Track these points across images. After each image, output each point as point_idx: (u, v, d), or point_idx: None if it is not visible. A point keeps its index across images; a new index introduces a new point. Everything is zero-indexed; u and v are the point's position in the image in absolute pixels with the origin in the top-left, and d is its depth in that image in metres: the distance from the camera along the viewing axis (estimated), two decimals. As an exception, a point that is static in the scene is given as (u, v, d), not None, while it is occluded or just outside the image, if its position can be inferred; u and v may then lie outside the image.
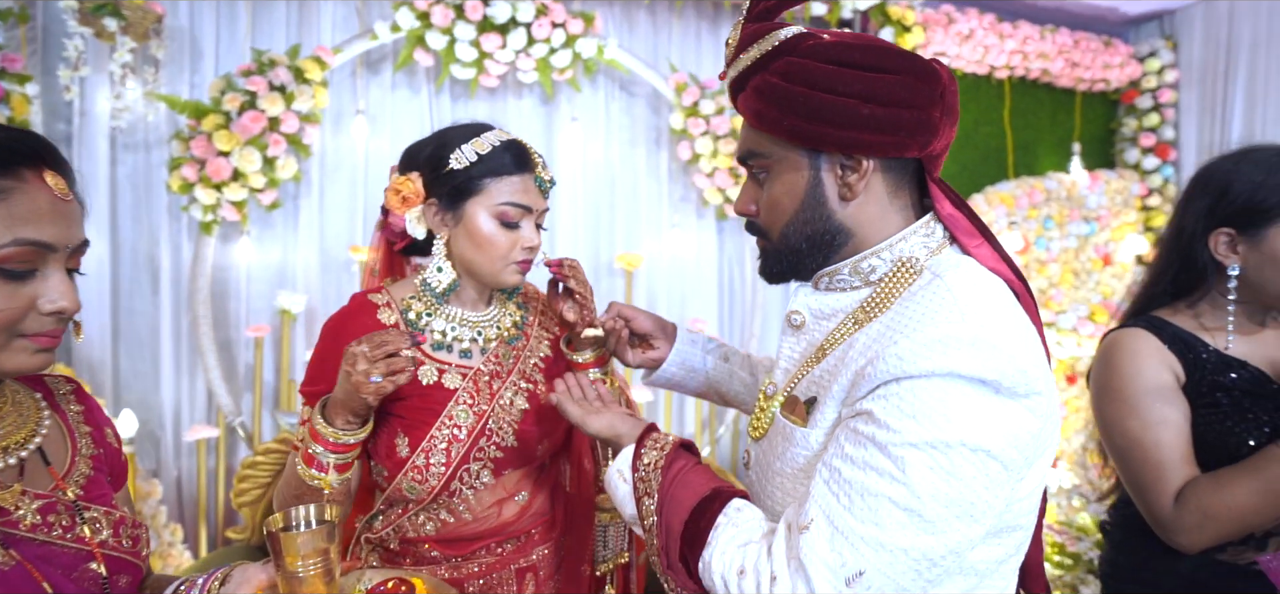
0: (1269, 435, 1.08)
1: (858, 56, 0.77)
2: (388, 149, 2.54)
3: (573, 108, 2.72)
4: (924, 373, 0.69)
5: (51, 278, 0.69)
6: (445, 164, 0.96)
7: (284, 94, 2.15)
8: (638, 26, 2.84)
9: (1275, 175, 1.07)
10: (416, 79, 2.56)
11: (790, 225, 0.85)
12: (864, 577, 0.68)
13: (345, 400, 0.87)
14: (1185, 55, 3.50)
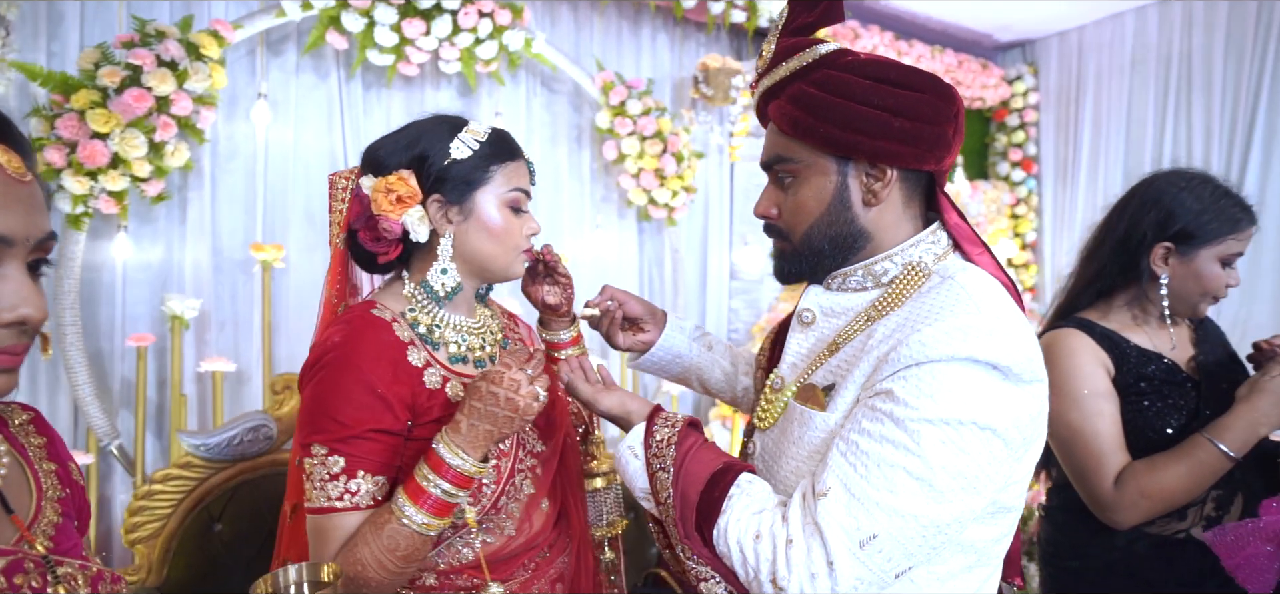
0: (1187, 419, 1.23)
1: (891, 74, 0.84)
2: (290, 138, 2.32)
3: (494, 102, 2.62)
4: (944, 357, 0.75)
5: (8, 279, 0.56)
6: (447, 155, 0.89)
7: (175, 71, 1.89)
8: (560, 22, 2.78)
9: (1211, 209, 1.23)
10: (325, 63, 2.35)
11: (815, 227, 0.90)
12: (877, 540, 0.74)
13: (497, 429, 0.81)
14: (1044, 80, 3.92)
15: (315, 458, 0.83)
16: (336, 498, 0.82)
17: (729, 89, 2.85)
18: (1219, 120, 3.24)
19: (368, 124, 2.43)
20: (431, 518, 0.80)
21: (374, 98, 2.44)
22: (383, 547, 0.80)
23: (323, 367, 0.85)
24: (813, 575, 0.74)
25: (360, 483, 0.83)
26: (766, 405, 0.95)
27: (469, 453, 0.80)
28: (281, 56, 2.31)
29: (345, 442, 0.83)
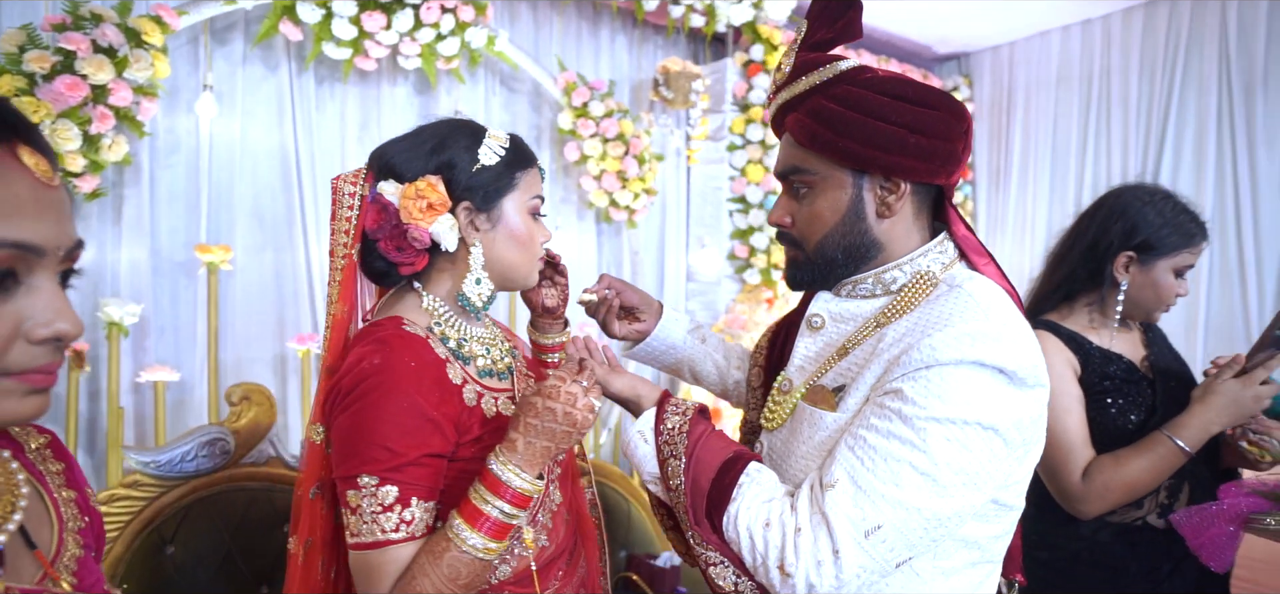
0: (1146, 415, 1.31)
1: (909, 91, 0.86)
2: (237, 133, 2.20)
3: (453, 100, 2.55)
4: (953, 361, 0.78)
5: (41, 292, 0.51)
6: (475, 161, 0.85)
7: (114, 58, 1.76)
8: (520, 20, 2.73)
9: (1171, 223, 1.32)
10: (274, 54, 2.24)
11: (829, 237, 0.92)
12: (881, 531, 0.77)
13: (556, 445, 0.79)
14: (978, 91, 4.12)
15: (363, 490, 0.77)
16: (392, 530, 0.77)
17: (689, 92, 2.87)
18: (1134, 132, 3.49)
19: (321, 120, 2.32)
20: (491, 541, 0.76)
21: (327, 92, 2.33)
22: (444, 576, 0.75)
23: (365, 392, 0.79)
24: (819, 563, 0.77)
25: (414, 511, 0.78)
26: (774, 407, 0.97)
27: (527, 471, 0.77)
28: (227, 46, 2.18)
29: (398, 470, 0.77)
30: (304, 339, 2.14)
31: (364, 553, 0.77)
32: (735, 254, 3.16)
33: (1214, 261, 3.22)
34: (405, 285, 0.90)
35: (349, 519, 0.78)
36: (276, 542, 1.68)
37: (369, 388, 0.78)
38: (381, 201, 0.84)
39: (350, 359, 0.81)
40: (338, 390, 0.80)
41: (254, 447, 1.70)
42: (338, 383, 0.80)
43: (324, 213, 2.33)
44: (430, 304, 0.88)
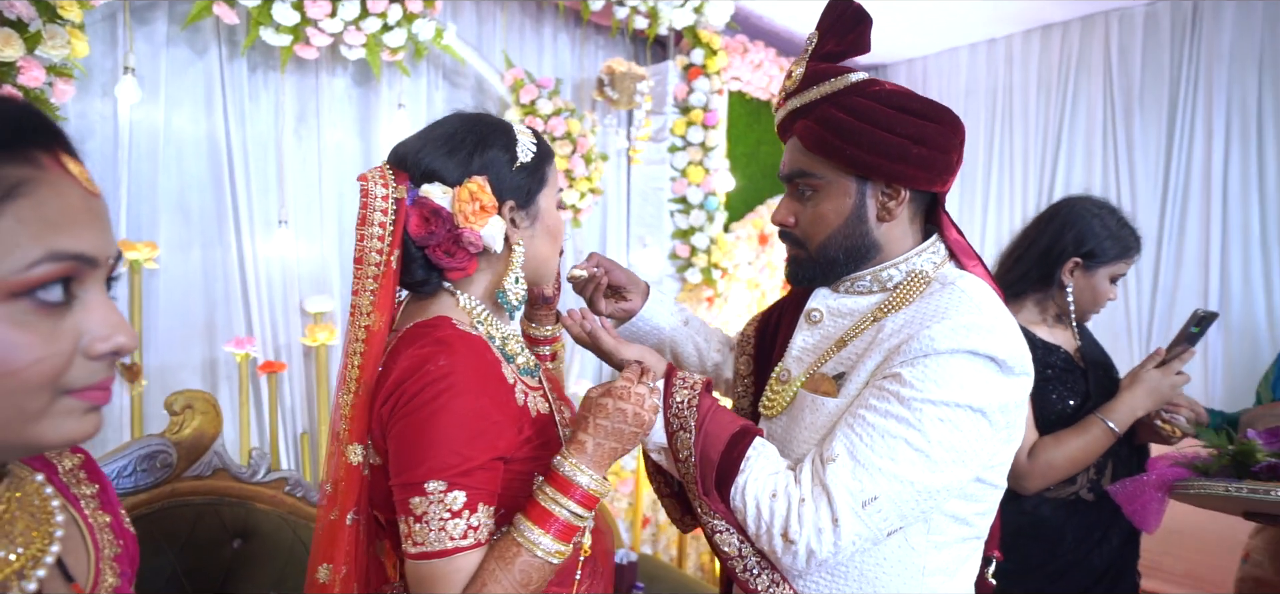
0: (1081, 400, 1.45)
1: (914, 104, 0.92)
2: (160, 120, 2.03)
3: (395, 94, 2.46)
4: (950, 350, 0.85)
5: (95, 305, 0.50)
6: (515, 159, 0.84)
7: (24, 34, 1.59)
8: (463, 15, 2.67)
9: (1114, 235, 1.48)
10: (202, 37, 2.08)
11: (832, 238, 0.98)
12: (877, 501, 0.83)
13: (623, 446, 0.81)
14: (895, 101, 4.38)
15: (431, 496, 0.74)
16: (461, 537, 0.74)
17: (633, 93, 2.90)
18: (1033, 144, 3.81)
19: (255, 109, 2.19)
20: (559, 544, 0.75)
21: (261, 80, 2.20)
22: (516, 582, 0.74)
23: (433, 394, 0.75)
24: (819, 530, 0.83)
25: (480, 517, 0.76)
26: (773, 395, 1.03)
27: (596, 472, 0.77)
28: (148, 26, 2.01)
29: (467, 474, 0.75)
30: (241, 343, 2.01)
31: (430, 562, 0.74)
32: (676, 253, 3.21)
33: (1101, 262, 3.57)
34: (436, 287, 0.87)
35: (412, 528, 0.75)
36: (225, 558, 1.59)
37: (438, 390, 0.75)
38: (430, 206, 0.81)
39: (408, 363, 0.77)
40: (401, 395, 0.76)
41: (198, 459, 1.60)
42: (400, 387, 0.76)
43: (259, 207, 2.20)
44: (468, 304, 0.86)
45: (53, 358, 0.47)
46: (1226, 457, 1.26)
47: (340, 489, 0.81)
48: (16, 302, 0.46)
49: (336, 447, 0.83)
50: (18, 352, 0.46)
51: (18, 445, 0.49)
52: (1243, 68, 3.18)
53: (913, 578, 0.91)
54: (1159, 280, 3.41)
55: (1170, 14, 3.36)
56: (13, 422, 0.47)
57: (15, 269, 0.45)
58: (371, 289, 0.82)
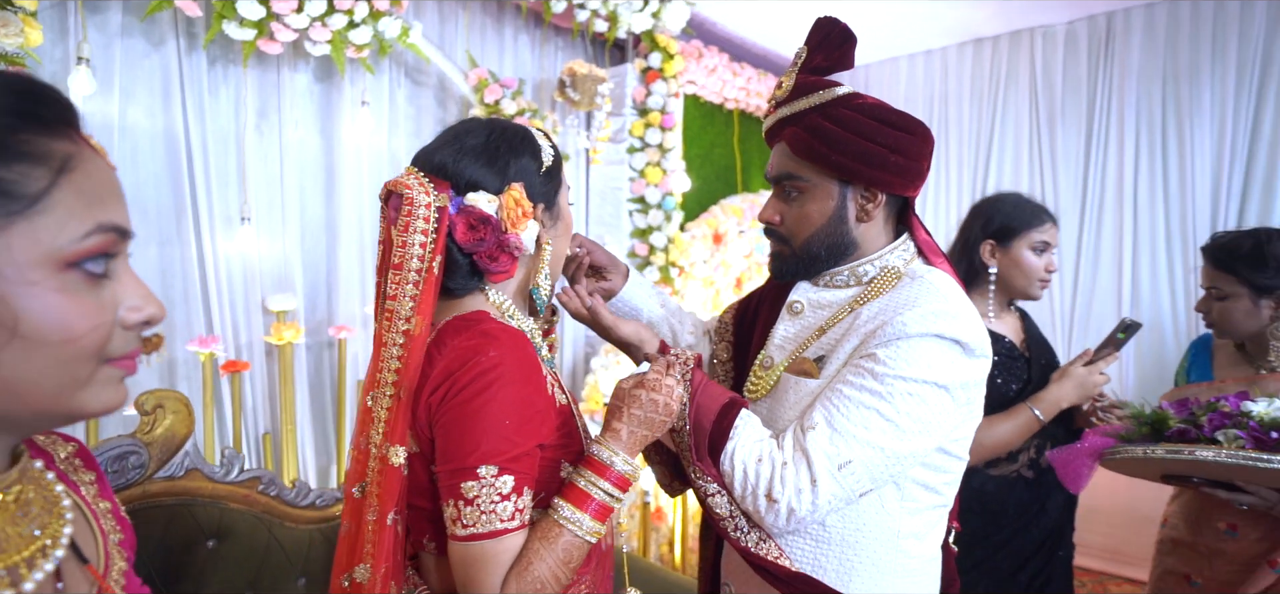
0: (1022, 385, 1.60)
1: (892, 117, 1.02)
2: (114, 114, 1.97)
3: (357, 91, 2.44)
4: (919, 334, 0.95)
5: (125, 277, 0.52)
6: (542, 165, 0.90)
7: (-23, 23, 1.53)
8: (426, 13, 2.66)
9: (1017, 208, 1.61)
10: (158, 29, 2.03)
11: (815, 236, 1.06)
12: (851, 465, 0.93)
13: (653, 433, 0.87)
14: (839, 107, 4.57)
15: (483, 481, 0.78)
16: (509, 519, 0.78)
17: (594, 95, 2.95)
18: (967, 150, 4.06)
19: (214, 104, 2.14)
20: (597, 523, 0.80)
21: (221, 74, 2.15)
22: (559, 560, 0.79)
23: (485, 384, 0.79)
24: (799, 491, 0.92)
25: (525, 500, 0.80)
26: (757, 380, 1.11)
27: (630, 456, 0.83)
28: (100, 15, 1.94)
29: (516, 460, 0.79)
30: (205, 342, 1.96)
31: (480, 543, 0.78)
32: (635, 252, 3.28)
33: (1027, 262, 3.84)
34: (471, 287, 0.91)
35: (461, 511, 0.78)
36: (199, 559, 1.57)
37: (489, 381, 0.79)
38: (478, 214, 0.84)
39: (457, 354, 0.81)
40: (453, 384, 0.79)
41: (170, 459, 1.58)
42: (451, 377, 0.80)
43: (219, 204, 2.15)
44: (499, 300, 0.91)
45: (102, 326, 0.49)
46: (1145, 426, 1.42)
47: (380, 491, 0.83)
48: (69, 272, 0.47)
49: (366, 450, 0.85)
50: (77, 319, 0.47)
51: (61, 414, 0.50)
52: (1150, 84, 3.48)
53: (888, 541, 1.01)
54: (1078, 280, 3.69)
55: (1087, 32, 3.64)
56: (64, 388, 0.48)
57: (72, 240, 0.47)
58: (412, 294, 0.83)
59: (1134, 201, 3.53)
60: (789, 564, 0.99)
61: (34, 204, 0.46)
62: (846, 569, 1.01)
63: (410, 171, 0.88)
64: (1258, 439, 1.24)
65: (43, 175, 0.47)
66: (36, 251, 0.46)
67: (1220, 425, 1.29)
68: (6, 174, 0.45)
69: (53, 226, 0.47)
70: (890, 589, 1.02)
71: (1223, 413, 1.30)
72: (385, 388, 0.83)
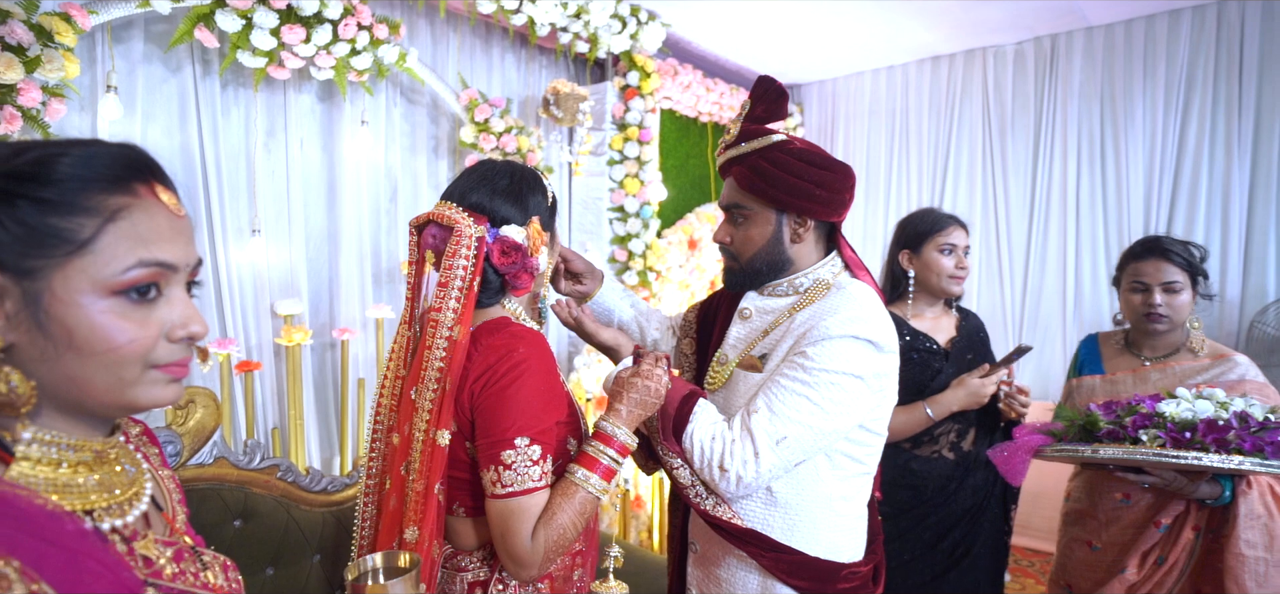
0: (932, 377, 1.81)
1: (817, 159, 1.24)
2: (137, 133, 2.15)
3: (357, 110, 2.63)
4: (841, 335, 1.18)
5: (176, 301, 0.65)
6: (547, 202, 1.12)
7: (24, 58, 1.70)
8: (419, 36, 2.86)
9: (925, 217, 1.87)
10: (176, 56, 2.21)
11: (757, 255, 1.29)
12: (786, 440, 1.15)
13: (645, 411, 1.09)
14: (809, 117, 4.83)
15: (519, 449, 0.97)
16: (538, 479, 0.97)
17: (576, 111, 3.17)
18: (926, 160, 4.33)
19: (227, 124, 2.32)
20: (605, 482, 1.02)
21: (232, 97, 2.33)
22: (576, 511, 0.99)
23: (519, 374, 0.98)
24: (745, 461, 1.14)
25: (548, 465, 0.99)
26: (714, 374, 1.34)
27: (628, 429, 1.05)
28: (124, 44, 2.12)
29: (543, 432, 0.98)
30: (223, 343, 2.15)
31: (517, 499, 0.96)
32: (614, 257, 3.50)
33: (982, 261, 4.12)
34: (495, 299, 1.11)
35: (500, 474, 0.97)
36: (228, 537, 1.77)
37: (522, 371, 0.99)
38: (511, 242, 1.04)
39: (494, 353, 1.00)
40: (492, 374, 0.99)
41: (201, 448, 1.77)
42: (490, 369, 0.99)
43: (232, 216, 2.34)
44: (515, 309, 1.11)
45: (143, 340, 0.61)
46: (1076, 428, 1.63)
47: (427, 468, 1.00)
48: (117, 297, 0.60)
49: (411, 435, 1.03)
50: (117, 333, 0.60)
51: (121, 405, 0.63)
52: (1089, 101, 3.77)
53: (823, 502, 1.24)
54: (1027, 281, 3.98)
55: (1033, 53, 3.93)
56: (114, 387, 0.61)
57: (115, 273, 0.60)
58: (454, 307, 1.01)
59: (1077, 208, 3.82)
60: (740, 523, 1.22)
61: (84, 246, 0.59)
62: (790, 526, 1.23)
63: (451, 206, 1.06)
64: (1175, 438, 1.47)
65: (93, 224, 0.59)
66: (84, 282, 0.59)
67: (1142, 426, 1.52)
68: (65, 224, 0.58)
69: (99, 263, 0.59)
70: (825, 541, 1.25)
71: (1143, 415, 1.54)
72: (428, 383, 1.02)
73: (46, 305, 0.58)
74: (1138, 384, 1.78)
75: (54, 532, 0.52)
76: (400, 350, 1.14)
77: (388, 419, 1.14)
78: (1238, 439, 1.45)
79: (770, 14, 3.51)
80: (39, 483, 0.63)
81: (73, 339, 0.59)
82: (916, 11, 3.55)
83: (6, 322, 0.59)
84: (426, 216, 1.08)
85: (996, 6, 3.49)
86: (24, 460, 0.62)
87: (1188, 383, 1.72)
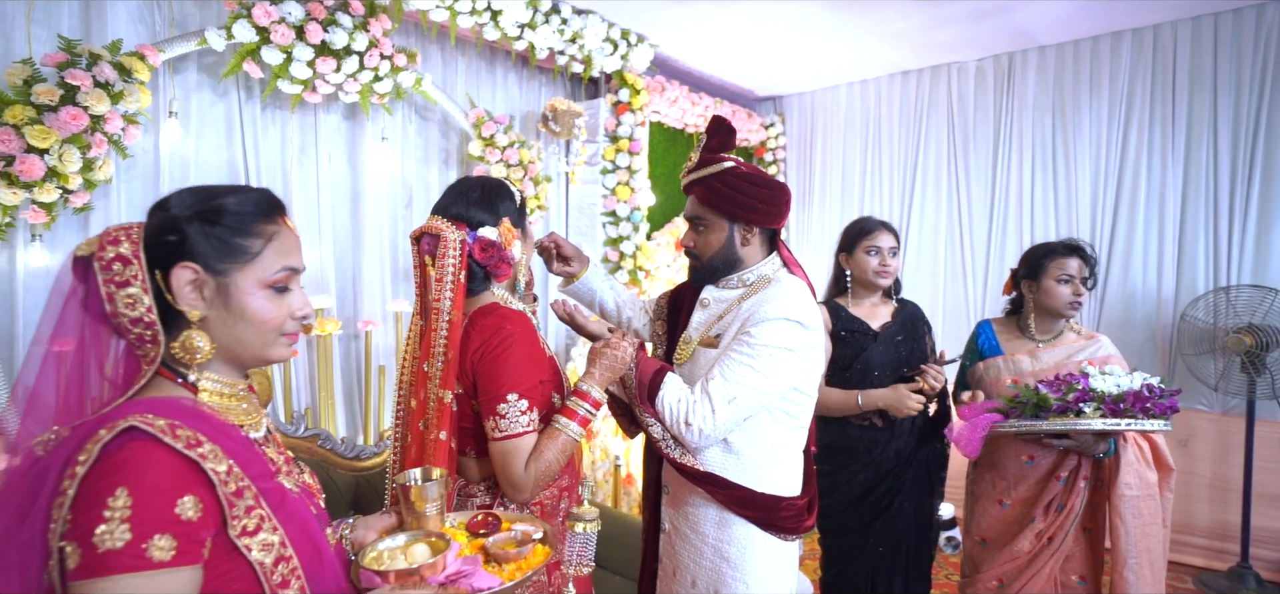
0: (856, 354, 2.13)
1: (760, 180, 1.58)
2: (191, 151, 2.49)
3: (377, 128, 2.97)
4: (778, 317, 1.51)
5: (297, 293, 0.93)
6: (516, 206, 1.42)
7: (110, 92, 2.04)
8: (431, 59, 3.20)
9: (857, 224, 2.21)
10: (225, 83, 2.54)
11: (715, 256, 1.62)
12: (736, 400, 1.45)
13: (614, 374, 1.41)
14: (790, 127, 5.17)
15: (510, 403, 1.26)
16: (527, 426, 1.25)
17: (572, 126, 3.51)
18: (897, 167, 4.67)
19: (266, 141, 2.66)
20: (580, 428, 1.31)
21: (271, 117, 2.67)
22: (559, 450, 1.28)
23: (508, 345, 1.27)
24: (705, 417, 1.44)
25: (534, 416, 1.28)
26: (681, 352, 1.67)
27: (599, 388, 1.36)
28: (181, 74, 2.46)
29: (529, 389, 1.27)
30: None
31: (511, 440, 1.25)
32: (607, 258, 3.84)
33: (947, 259, 4.46)
34: (483, 287, 1.41)
35: (498, 423, 1.25)
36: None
37: (510, 343, 1.29)
38: (488, 240, 1.34)
39: (486, 331, 1.30)
40: (487, 347, 1.28)
41: (257, 417, 2.10)
42: (485, 343, 1.29)
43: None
44: (500, 294, 1.43)
45: (280, 317, 0.89)
46: (1030, 407, 1.92)
47: (439, 422, 1.27)
48: (269, 290, 0.88)
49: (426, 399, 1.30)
50: (268, 313, 0.89)
51: (262, 359, 0.91)
52: (1043, 114, 4.11)
53: (769, 449, 1.56)
54: (989, 277, 4.32)
55: (992, 69, 4.27)
56: (261, 347, 0.90)
57: (269, 275, 0.88)
58: (450, 297, 1.28)
59: (1031, 210, 4.16)
60: (700, 467, 1.55)
61: (255, 257, 0.87)
62: (744, 468, 1.56)
63: (438, 219, 1.33)
64: (1112, 409, 1.82)
65: (259, 244, 0.88)
66: (252, 280, 0.87)
67: (1083, 400, 1.86)
68: (247, 243, 0.87)
69: (261, 268, 0.88)
70: (769, 480, 1.58)
71: (1081, 392, 1.87)
72: (436, 357, 1.29)
73: (231, 293, 0.90)
74: (1033, 362, 2.12)
75: (231, 432, 0.87)
76: (414, 335, 1.41)
77: (407, 390, 1.40)
78: (1154, 405, 1.80)
79: (750, 33, 3.85)
80: (216, 407, 0.97)
81: (243, 315, 0.91)
82: (884, 32, 3.89)
83: (205, 302, 0.91)
84: (421, 229, 1.35)
85: (956, 28, 3.83)
86: (205, 393, 0.96)
87: (1073, 359, 2.07)
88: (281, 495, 0.87)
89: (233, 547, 0.78)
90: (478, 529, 1.10)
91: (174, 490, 0.74)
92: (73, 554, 0.70)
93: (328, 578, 0.89)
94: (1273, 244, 3.52)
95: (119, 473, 0.72)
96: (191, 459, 0.77)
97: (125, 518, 0.70)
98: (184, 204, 0.86)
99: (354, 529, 1.10)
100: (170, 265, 0.84)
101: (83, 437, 0.75)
